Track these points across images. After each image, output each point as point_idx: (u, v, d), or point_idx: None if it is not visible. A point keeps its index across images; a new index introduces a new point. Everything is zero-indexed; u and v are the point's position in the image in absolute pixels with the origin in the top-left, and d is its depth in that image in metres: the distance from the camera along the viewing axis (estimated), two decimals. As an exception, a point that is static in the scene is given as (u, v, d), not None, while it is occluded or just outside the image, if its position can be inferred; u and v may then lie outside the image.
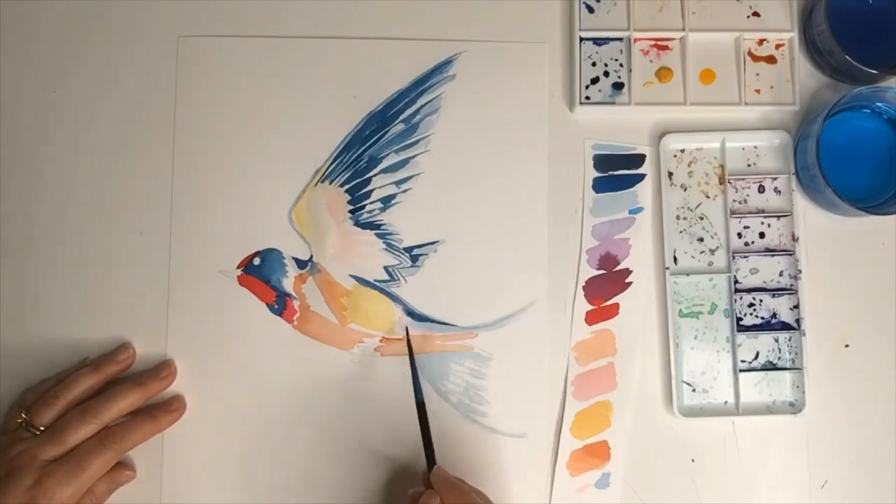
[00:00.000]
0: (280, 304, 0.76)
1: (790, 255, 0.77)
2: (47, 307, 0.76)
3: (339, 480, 0.75)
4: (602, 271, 0.77)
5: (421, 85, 0.78)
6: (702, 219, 0.78)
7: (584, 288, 0.77)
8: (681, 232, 0.77)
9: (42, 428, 0.69)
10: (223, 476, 0.75)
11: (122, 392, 0.71)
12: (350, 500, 0.75)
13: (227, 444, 0.75)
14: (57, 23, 0.79)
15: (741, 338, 0.76)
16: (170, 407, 0.74)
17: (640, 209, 0.78)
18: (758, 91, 0.78)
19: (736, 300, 0.76)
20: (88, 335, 0.76)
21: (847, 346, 0.77)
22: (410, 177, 0.77)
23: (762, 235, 0.77)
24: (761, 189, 0.78)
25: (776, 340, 0.76)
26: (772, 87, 0.78)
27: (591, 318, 0.77)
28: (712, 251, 0.77)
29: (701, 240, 0.77)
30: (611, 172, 0.78)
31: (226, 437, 0.75)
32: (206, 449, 0.75)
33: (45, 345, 0.76)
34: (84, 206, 0.77)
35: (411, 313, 0.76)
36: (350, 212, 0.77)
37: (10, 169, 0.77)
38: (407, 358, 0.74)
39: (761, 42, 0.79)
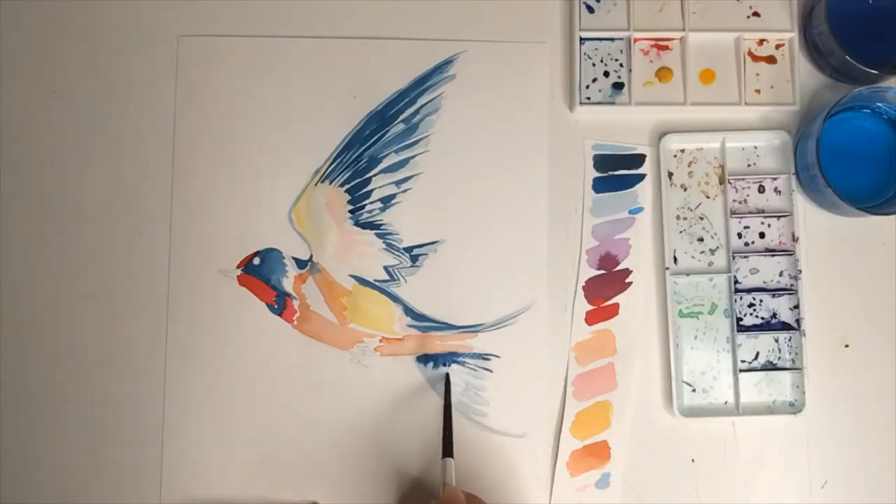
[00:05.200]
0: (280, 303, 0.76)
1: (790, 255, 0.77)
2: (47, 307, 0.76)
3: (338, 479, 0.75)
4: (602, 271, 0.77)
5: (421, 85, 0.78)
6: (702, 219, 0.77)
7: (584, 288, 0.77)
8: (681, 232, 0.77)
9: None
10: (222, 475, 0.75)
11: None
12: (350, 498, 0.75)
13: (226, 444, 0.75)
14: (57, 23, 0.79)
15: (741, 338, 0.76)
16: None
17: (640, 209, 0.78)
18: (758, 91, 0.78)
19: (736, 300, 0.76)
20: (88, 334, 0.76)
21: (847, 346, 0.77)
22: (410, 177, 0.77)
23: (762, 235, 0.77)
24: (761, 189, 0.78)
25: (776, 340, 0.76)
26: (772, 87, 0.78)
27: (591, 318, 0.77)
28: (712, 251, 0.77)
29: (701, 240, 0.77)
30: (611, 172, 0.78)
31: (225, 436, 0.75)
32: (205, 448, 0.75)
33: (45, 344, 0.76)
34: (84, 206, 0.77)
35: (411, 313, 0.76)
36: (350, 212, 0.77)
37: (10, 169, 0.77)
38: (405, 358, 0.75)
39: (761, 42, 0.79)
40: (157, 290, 0.76)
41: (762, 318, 0.77)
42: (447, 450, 0.71)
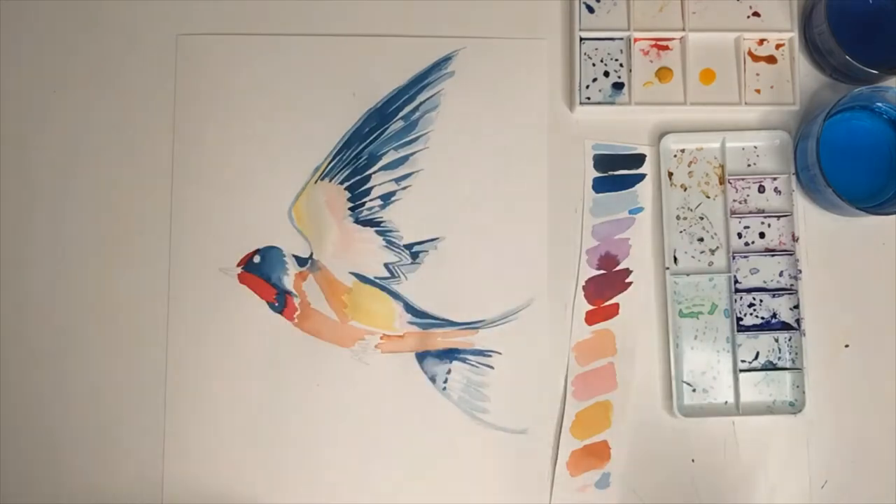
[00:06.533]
0: (280, 301, 0.76)
1: (790, 255, 0.77)
2: (47, 306, 0.76)
3: (339, 476, 0.75)
4: (602, 271, 0.77)
5: (420, 82, 0.78)
6: (702, 219, 0.77)
7: (584, 288, 0.77)
8: (681, 232, 0.77)
9: None
10: (224, 473, 0.75)
11: None
12: (350, 495, 0.75)
13: (227, 442, 0.75)
14: (57, 23, 0.79)
15: (741, 338, 0.76)
16: None
17: (640, 209, 0.78)
18: (758, 91, 0.78)
19: (736, 300, 0.76)
20: (89, 333, 0.76)
21: (847, 346, 0.77)
22: (410, 174, 0.77)
23: (762, 235, 0.77)
24: (761, 189, 0.78)
25: (776, 340, 0.76)
26: (772, 87, 0.78)
27: (591, 318, 0.77)
28: (712, 251, 0.77)
29: (701, 240, 0.77)
30: (611, 172, 0.78)
31: (226, 434, 0.75)
32: (206, 447, 0.75)
33: (46, 343, 0.76)
34: (84, 205, 0.77)
35: (412, 310, 0.76)
36: (350, 209, 0.77)
37: (10, 169, 0.77)
38: (406, 355, 0.75)
39: (761, 42, 0.79)
40: (157, 290, 0.76)
41: (762, 318, 0.77)
42: None
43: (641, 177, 0.78)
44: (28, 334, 0.76)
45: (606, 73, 0.78)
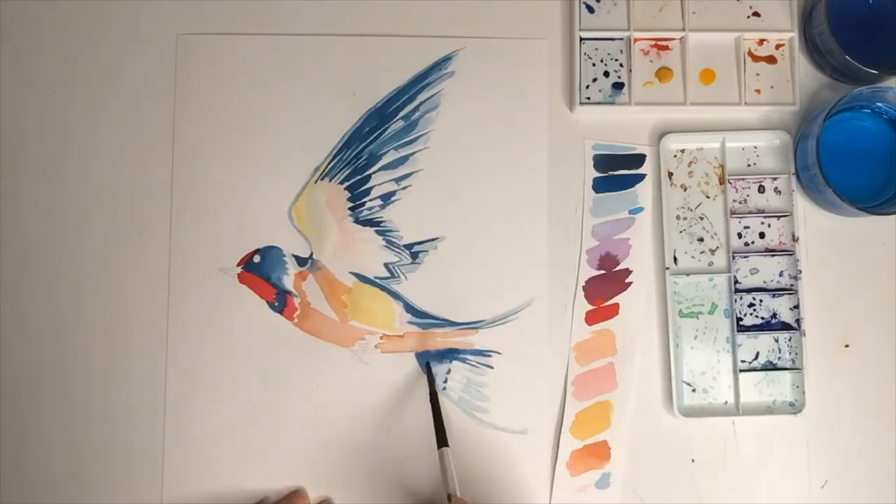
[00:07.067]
0: (280, 301, 0.76)
1: (790, 255, 0.77)
2: (47, 306, 0.76)
3: (339, 475, 0.75)
4: (602, 271, 0.77)
5: (420, 82, 0.78)
6: (702, 219, 0.77)
7: (584, 288, 0.77)
8: (681, 232, 0.77)
9: None
10: (223, 473, 0.75)
11: None
12: (351, 494, 0.75)
13: (227, 441, 0.75)
14: (57, 22, 0.79)
15: (741, 338, 0.76)
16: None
17: (640, 209, 0.78)
18: (758, 91, 0.78)
19: (736, 300, 0.76)
20: (89, 333, 0.76)
21: (847, 346, 0.77)
22: (410, 174, 0.77)
23: (762, 235, 0.77)
24: (761, 189, 0.78)
25: (776, 340, 0.76)
26: (772, 87, 0.78)
27: (591, 318, 0.77)
28: (712, 251, 0.77)
29: (701, 240, 0.77)
30: (611, 172, 0.78)
31: (226, 434, 0.75)
32: (206, 446, 0.75)
33: (45, 343, 0.76)
34: (84, 205, 0.77)
35: (412, 310, 0.76)
36: (350, 209, 0.77)
37: (10, 168, 0.77)
38: (406, 355, 0.75)
39: (761, 42, 0.79)
40: (157, 289, 0.76)
41: (762, 318, 0.77)
42: (441, 439, 0.71)
43: (641, 177, 0.78)
44: (27, 333, 0.76)
45: (606, 73, 0.78)
